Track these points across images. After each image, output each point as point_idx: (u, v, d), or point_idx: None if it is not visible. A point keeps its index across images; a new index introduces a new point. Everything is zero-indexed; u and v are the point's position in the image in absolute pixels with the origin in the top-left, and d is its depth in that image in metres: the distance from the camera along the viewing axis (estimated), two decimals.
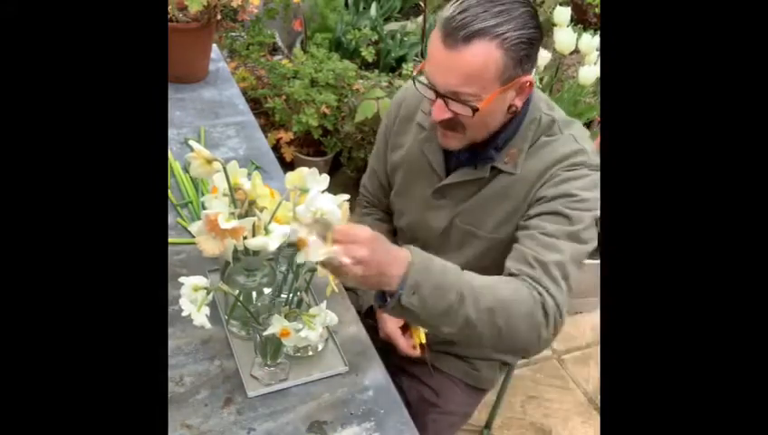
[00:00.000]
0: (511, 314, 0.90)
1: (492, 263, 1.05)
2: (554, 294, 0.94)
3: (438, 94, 0.98)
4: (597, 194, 1.03)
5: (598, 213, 1.03)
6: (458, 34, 0.92)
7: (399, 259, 0.87)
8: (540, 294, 0.93)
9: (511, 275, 0.98)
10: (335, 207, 0.87)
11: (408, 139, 1.21)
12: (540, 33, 0.97)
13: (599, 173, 1.05)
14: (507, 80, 0.96)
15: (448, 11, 0.94)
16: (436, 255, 1.19)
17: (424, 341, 1.20)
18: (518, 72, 0.97)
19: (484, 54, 0.93)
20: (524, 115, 1.07)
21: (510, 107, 1.02)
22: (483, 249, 1.14)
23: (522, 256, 0.99)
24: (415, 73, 1.05)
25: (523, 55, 0.95)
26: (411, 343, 1.21)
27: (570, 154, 1.05)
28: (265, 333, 0.90)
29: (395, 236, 1.33)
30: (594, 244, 1.03)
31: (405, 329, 1.23)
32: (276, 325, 0.89)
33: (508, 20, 0.93)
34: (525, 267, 0.97)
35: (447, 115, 1.00)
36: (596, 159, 1.06)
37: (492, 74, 0.95)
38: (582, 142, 1.07)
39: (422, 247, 1.22)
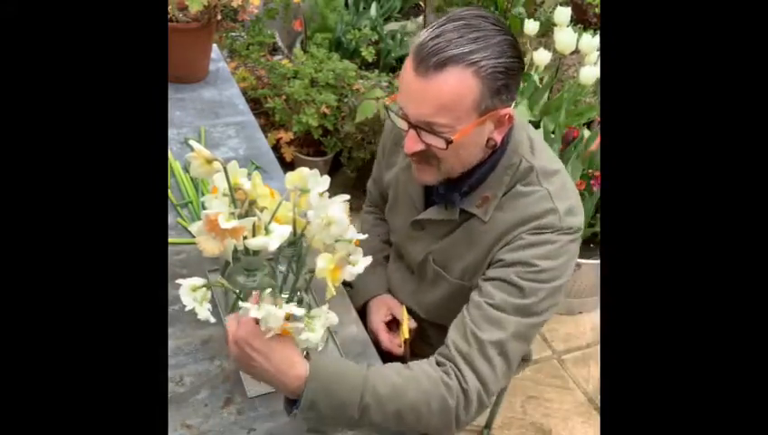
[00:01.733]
0: (420, 414, 0.92)
1: (460, 307, 1.01)
2: (483, 374, 0.94)
3: (411, 125, 0.94)
4: (561, 261, 0.98)
5: (559, 282, 0.99)
6: (431, 61, 0.87)
7: (295, 373, 0.88)
8: (459, 381, 0.94)
9: (441, 354, 0.98)
10: (344, 215, 0.88)
11: (398, 159, 1.19)
12: (520, 63, 0.93)
13: (572, 236, 1.00)
14: (484, 111, 0.92)
15: (421, 37, 0.90)
16: (415, 284, 1.19)
17: (408, 336, 1.19)
18: (495, 104, 0.92)
19: (458, 82, 0.88)
20: (501, 157, 1.01)
21: (488, 141, 0.97)
22: (451, 293, 1.11)
23: (462, 328, 0.97)
24: (388, 103, 1.00)
25: (500, 85, 0.90)
26: (396, 341, 1.20)
27: (538, 215, 0.99)
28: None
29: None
30: (551, 313, 1.00)
31: (390, 325, 1.23)
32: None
33: (485, 47, 0.88)
34: (461, 342, 0.96)
35: (420, 147, 0.95)
36: (569, 221, 0.99)
37: (467, 104, 0.90)
38: (557, 201, 0.99)
39: (406, 271, 1.21)
